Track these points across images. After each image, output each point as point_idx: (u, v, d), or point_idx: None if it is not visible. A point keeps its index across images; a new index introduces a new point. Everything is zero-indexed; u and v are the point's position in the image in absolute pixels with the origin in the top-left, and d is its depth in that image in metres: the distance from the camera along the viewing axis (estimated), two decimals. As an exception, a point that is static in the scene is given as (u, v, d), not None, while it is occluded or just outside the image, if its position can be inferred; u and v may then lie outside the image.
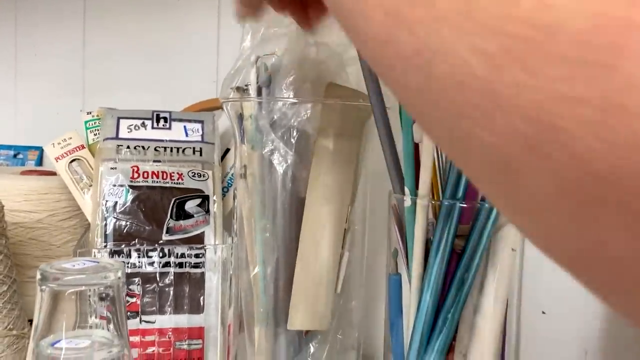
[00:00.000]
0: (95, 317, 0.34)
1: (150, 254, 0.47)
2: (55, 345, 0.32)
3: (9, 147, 0.84)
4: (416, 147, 0.34)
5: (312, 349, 0.41)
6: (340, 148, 0.40)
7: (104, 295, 0.34)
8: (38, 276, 0.31)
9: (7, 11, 0.84)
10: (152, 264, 0.47)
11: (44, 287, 0.32)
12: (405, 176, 0.34)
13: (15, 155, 0.84)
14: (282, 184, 0.40)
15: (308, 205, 0.40)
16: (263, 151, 0.39)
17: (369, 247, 0.44)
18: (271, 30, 0.40)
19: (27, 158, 0.82)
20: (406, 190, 0.35)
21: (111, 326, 0.33)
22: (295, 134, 0.40)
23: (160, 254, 0.47)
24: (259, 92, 0.41)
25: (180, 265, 0.47)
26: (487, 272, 0.35)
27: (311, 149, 0.40)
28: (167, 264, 0.47)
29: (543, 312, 0.50)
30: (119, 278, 0.32)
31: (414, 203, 0.34)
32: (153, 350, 0.47)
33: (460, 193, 0.33)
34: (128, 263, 0.47)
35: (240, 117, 0.42)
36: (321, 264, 0.40)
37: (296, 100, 0.40)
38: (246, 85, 0.41)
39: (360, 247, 0.43)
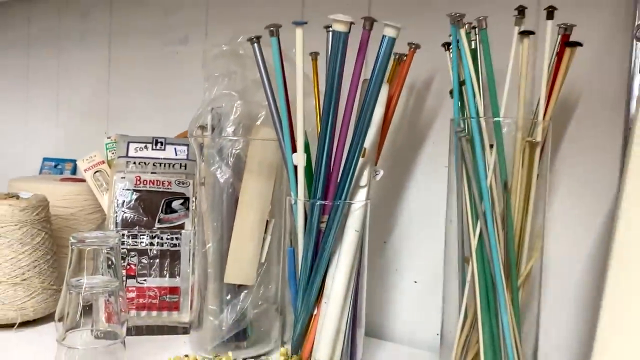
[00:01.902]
0: (102, 270, 0.57)
1: (142, 236, 0.70)
2: (79, 281, 0.55)
3: (52, 160, 1.09)
4: (296, 168, 0.56)
5: (242, 296, 0.63)
6: (262, 168, 0.62)
7: (110, 262, 0.57)
8: (71, 240, 0.54)
9: (51, 57, 1.09)
10: (143, 243, 0.69)
11: (73, 246, 0.55)
12: (291, 185, 0.56)
13: (55, 166, 1.08)
14: (225, 190, 0.62)
15: (240, 204, 0.62)
16: (211, 168, 0.62)
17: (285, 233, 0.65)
18: (221, 92, 0.63)
19: (65, 168, 1.06)
20: (292, 194, 0.56)
21: (111, 272, 0.56)
22: (233, 158, 0.62)
23: (150, 236, 0.70)
24: (213, 130, 0.63)
25: (161, 244, 0.70)
26: (340, 244, 0.56)
27: (243, 168, 0.62)
28: (151, 244, 0.70)
29: (415, 282, 0.71)
30: (117, 242, 0.55)
31: (296, 202, 0.56)
32: (145, 301, 0.69)
33: (319, 195, 0.54)
34: (130, 242, 0.70)
35: (201, 146, 0.64)
36: (249, 242, 0.62)
37: (234, 137, 0.62)
38: (205, 125, 0.64)
39: (278, 233, 0.64)
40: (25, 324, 0.69)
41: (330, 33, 0.56)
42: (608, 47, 0.58)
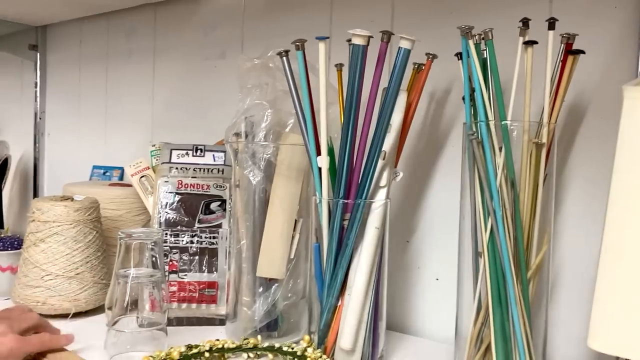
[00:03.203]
0: (146, 263, 0.63)
1: (184, 235, 0.76)
2: (127, 272, 0.61)
3: (100, 167, 1.17)
4: (320, 170, 0.60)
5: (273, 289, 0.68)
6: (291, 171, 0.67)
7: (153, 256, 0.63)
8: (119, 234, 0.61)
9: (100, 73, 1.17)
10: (184, 241, 0.76)
11: (121, 241, 0.61)
12: (316, 186, 0.61)
13: (104, 173, 1.16)
14: (257, 192, 0.68)
15: (271, 204, 0.67)
16: (245, 171, 0.67)
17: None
18: (253, 102, 0.69)
19: (113, 175, 1.14)
20: (317, 193, 0.61)
21: (154, 265, 0.62)
22: (264, 162, 0.67)
23: (191, 235, 0.76)
24: (246, 137, 0.69)
25: (200, 242, 0.76)
26: (362, 240, 0.60)
27: (274, 171, 0.67)
28: (191, 242, 0.76)
29: (437, 279, 0.75)
30: (159, 237, 0.61)
31: (321, 200, 0.61)
32: (186, 294, 0.75)
33: (341, 194, 0.59)
34: (172, 240, 0.76)
35: (236, 151, 0.70)
36: (279, 239, 0.67)
37: (265, 143, 0.68)
38: (239, 132, 0.70)
39: (306, 231, 0.69)
40: (78, 314, 0.76)
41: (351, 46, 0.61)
42: (617, 54, 0.61)
